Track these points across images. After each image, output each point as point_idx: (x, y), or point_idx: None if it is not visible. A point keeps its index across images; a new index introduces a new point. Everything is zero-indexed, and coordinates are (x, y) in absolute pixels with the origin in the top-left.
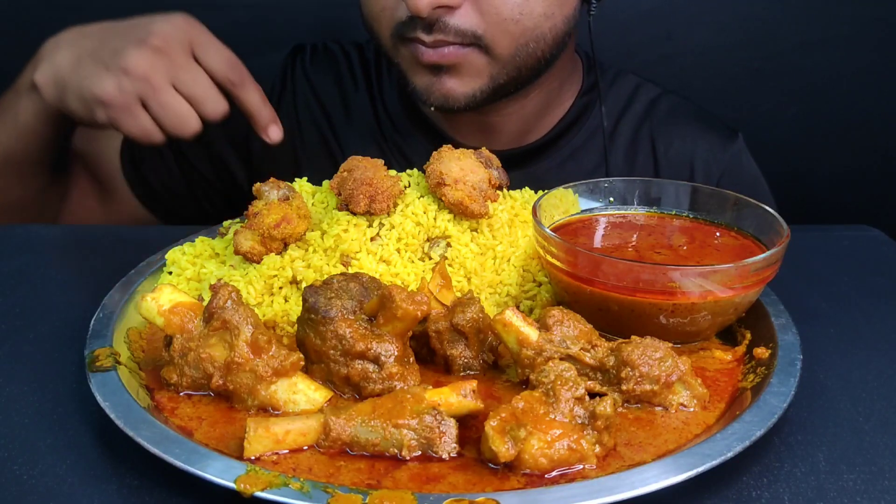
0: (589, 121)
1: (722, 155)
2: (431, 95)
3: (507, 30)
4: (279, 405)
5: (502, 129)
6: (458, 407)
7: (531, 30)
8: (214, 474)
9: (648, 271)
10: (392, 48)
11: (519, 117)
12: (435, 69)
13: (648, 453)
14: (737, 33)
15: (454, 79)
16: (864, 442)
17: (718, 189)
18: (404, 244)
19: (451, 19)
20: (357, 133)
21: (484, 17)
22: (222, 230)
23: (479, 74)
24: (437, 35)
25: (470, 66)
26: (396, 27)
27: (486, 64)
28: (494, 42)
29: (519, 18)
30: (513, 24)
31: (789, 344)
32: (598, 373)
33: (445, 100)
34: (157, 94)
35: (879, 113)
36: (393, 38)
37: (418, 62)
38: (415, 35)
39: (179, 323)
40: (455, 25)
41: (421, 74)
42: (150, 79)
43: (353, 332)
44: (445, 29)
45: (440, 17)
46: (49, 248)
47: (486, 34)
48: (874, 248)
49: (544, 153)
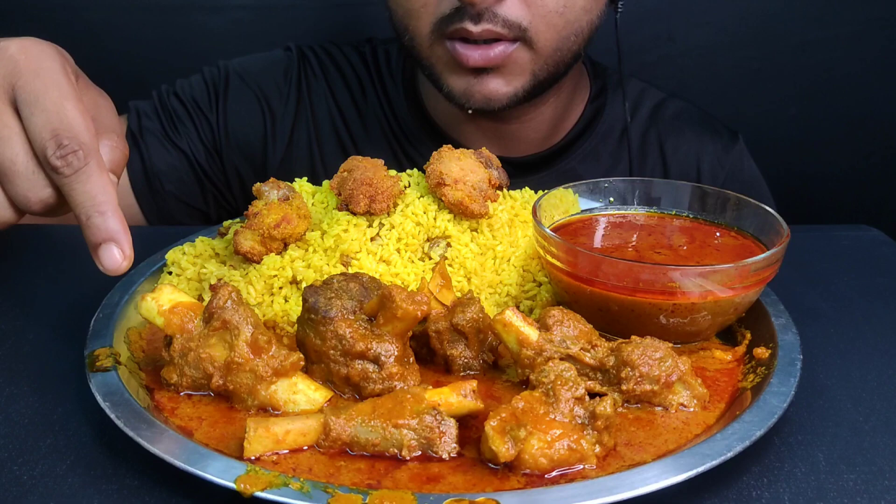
0: (599, 126)
1: (725, 157)
2: (471, 98)
3: (552, 22)
4: (279, 405)
5: (519, 136)
6: (458, 407)
7: (572, 23)
8: (214, 474)
9: (648, 271)
10: (428, 48)
11: (537, 124)
12: (476, 70)
13: (648, 453)
14: (737, 33)
15: (498, 78)
16: (864, 442)
17: (718, 189)
18: (404, 244)
19: (500, 9)
20: (372, 142)
21: (530, 8)
22: (222, 230)
23: (522, 72)
24: (485, 25)
25: (514, 65)
26: (438, 22)
27: (530, 60)
28: (538, 35)
29: (563, 11)
30: (557, 16)
31: (789, 344)
32: (598, 373)
33: (487, 101)
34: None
35: (879, 113)
36: (431, 36)
37: (458, 63)
38: (461, 26)
39: (179, 323)
40: (504, 15)
41: (458, 76)
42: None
43: (353, 332)
44: (494, 19)
45: (490, 6)
46: (49, 248)
47: (531, 27)
48: (874, 248)
49: (558, 160)
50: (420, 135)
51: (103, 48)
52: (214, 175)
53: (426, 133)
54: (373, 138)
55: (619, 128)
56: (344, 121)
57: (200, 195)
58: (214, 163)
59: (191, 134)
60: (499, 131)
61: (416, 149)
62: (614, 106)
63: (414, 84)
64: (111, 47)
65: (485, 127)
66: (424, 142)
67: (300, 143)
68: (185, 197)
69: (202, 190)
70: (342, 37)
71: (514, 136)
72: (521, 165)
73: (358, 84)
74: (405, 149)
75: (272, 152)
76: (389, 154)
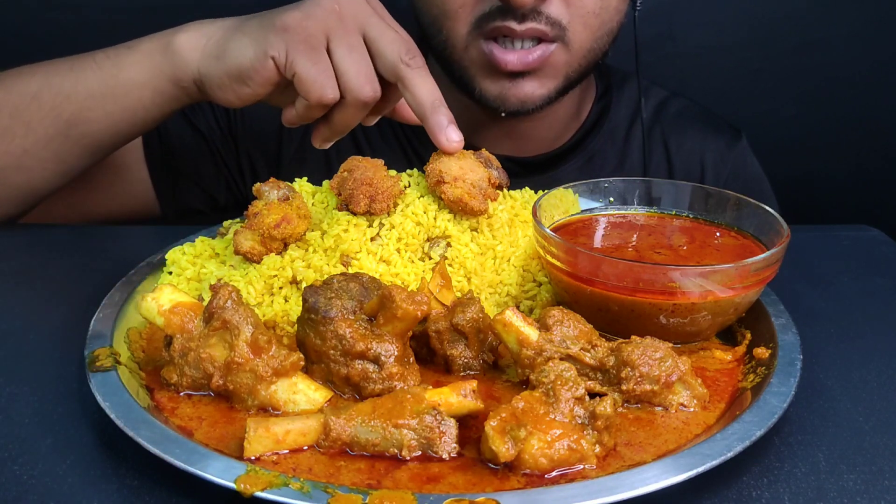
0: (606, 124)
1: (728, 155)
2: (506, 101)
3: (588, 23)
4: (279, 405)
5: (531, 135)
6: (458, 407)
7: (606, 23)
8: (214, 474)
9: (648, 271)
10: (463, 49)
11: (550, 122)
12: (512, 74)
13: (648, 453)
14: (737, 33)
15: (534, 81)
16: (864, 442)
17: (718, 189)
18: (404, 244)
19: (545, 7)
20: (385, 140)
21: (570, 8)
22: (222, 230)
23: (557, 74)
24: (529, 24)
25: (550, 67)
26: (478, 21)
27: (565, 62)
28: (575, 36)
29: (599, 12)
30: (593, 16)
31: (789, 344)
32: (598, 373)
33: (522, 104)
34: (347, 35)
35: (879, 113)
36: (468, 37)
37: (494, 67)
38: (503, 24)
39: (179, 323)
40: (547, 13)
41: (493, 80)
42: (339, 19)
43: (353, 332)
44: (538, 17)
45: (536, 5)
46: (49, 248)
47: (569, 26)
48: (874, 248)
49: (566, 159)
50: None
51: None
52: (228, 158)
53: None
54: (385, 136)
55: (624, 127)
56: None
57: (213, 176)
58: (229, 147)
59: (207, 115)
60: (512, 131)
61: (426, 148)
62: (619, 105)
63: None
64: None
65: (498, 126)
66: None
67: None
68: (197, 177)
69: (216, 171)
70: None
71: (526, 136)
72: (529, 165)
73: None
74: (416, 148)
75: (287, 144)
76: (400, 153)
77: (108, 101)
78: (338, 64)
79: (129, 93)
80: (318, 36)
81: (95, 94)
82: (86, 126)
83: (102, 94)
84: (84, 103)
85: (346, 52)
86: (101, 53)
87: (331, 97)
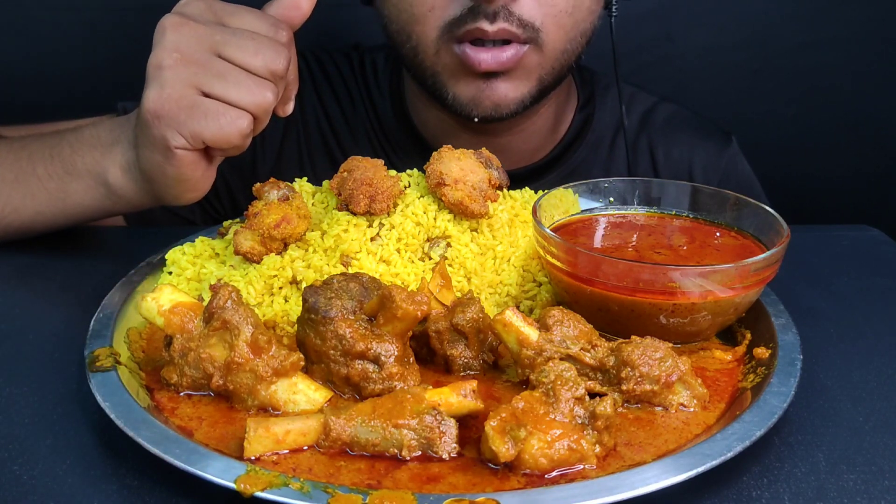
0: (589, 134)
1: (718, 160)
2: (480, 105)
3: (561, 23)
4: (279, 405)
5: (509, 148)
6: (458, 407)
7: (579, 24)
8: (214, 474)
9: (648, 271)
10: (433, 55)
11: (528, 135)
12: (486, 75)
13: (648, 453)
14: (737, 34)
15: (506, 83)
16: (864, 442)
17: (718, 189)
18: (404, 244)
19: (515, 7)
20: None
21: (541, 7)
22: (222, 230)
23: (529, 76)
24: (500, 24)
25: (522, 69)
26: (448, 25)
27: (538, 64)
28: (548, 36)
29: (571, 11)
30: (566, 16)
31: (789, 344)
32: (598, 373)
33: (496, 108)
34: (207, 73)
35: (879, 113)
36: (438, 41)
37: (467, 69)
38: (475, 26)
39: (179, 323)
40: (519, 14)
41: (466, 82)
42: (186, 64)
43: (353, 332)
44: (509, 18)
45: (506, 4)
46: (49, 248)
47: (542, 27)
48: (874, 248)
49: (546, 173)
50: (407, 146)
51: (103, 48)
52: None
53: (413, 145)
54: (362, 148)
55: (609, 136)
56: (332, 129)
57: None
58: None
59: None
60: (488, 144)
61: (402, 161)
62: (603, 114)
63: (400, 95)
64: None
65: (474, 140)
66: (411, 154)
67: (290, 151)
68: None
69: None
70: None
71: (503, 149)
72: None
73: (346, 93)
74: (392, 160)
75: (261, 159)
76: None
77: (60, 219)
78: (223, 98)
79: (82, 213)
80: (187, 95)
81: (45, 212)
82: (32, 231)
83: (53, 214)
84: (34, 217)
85: (220, 88)
86: (41, 166)
87: (248, 127)
